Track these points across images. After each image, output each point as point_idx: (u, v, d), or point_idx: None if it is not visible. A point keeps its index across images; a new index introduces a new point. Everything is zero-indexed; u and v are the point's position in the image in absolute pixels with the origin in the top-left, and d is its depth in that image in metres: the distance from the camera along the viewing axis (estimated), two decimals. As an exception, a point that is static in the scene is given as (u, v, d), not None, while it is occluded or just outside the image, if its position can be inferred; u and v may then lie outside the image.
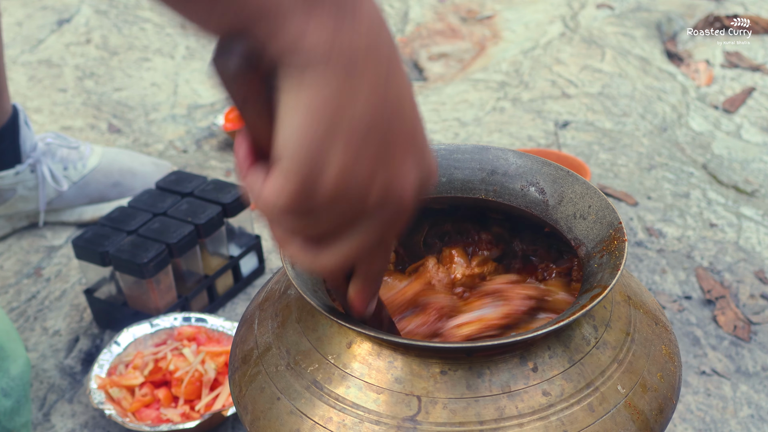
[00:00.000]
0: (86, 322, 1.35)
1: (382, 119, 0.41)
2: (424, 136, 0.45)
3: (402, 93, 0.42)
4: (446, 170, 0.73)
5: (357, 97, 0.40)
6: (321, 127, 0.40)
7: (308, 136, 0.40)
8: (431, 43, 2.69)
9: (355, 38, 0.39)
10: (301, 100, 0.39)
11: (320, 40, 0.38)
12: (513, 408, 0.54)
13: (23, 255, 1.52)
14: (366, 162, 0.41)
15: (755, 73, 2.29)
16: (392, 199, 0.44)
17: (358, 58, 0.39)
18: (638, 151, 1.90)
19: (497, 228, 0.77)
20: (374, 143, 0.41)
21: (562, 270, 0.74)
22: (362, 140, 0.41)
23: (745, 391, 1.19)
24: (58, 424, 1.15)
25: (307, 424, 0.56)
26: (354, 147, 0.41)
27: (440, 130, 2.06)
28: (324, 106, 0.39)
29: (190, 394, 1.13)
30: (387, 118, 0.41)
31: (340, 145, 0.40)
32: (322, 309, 0.56)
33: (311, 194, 0.41)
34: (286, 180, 0.41)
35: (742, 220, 1.61)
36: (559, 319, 0.56)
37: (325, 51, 0.38)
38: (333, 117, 0.40)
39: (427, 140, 0.45)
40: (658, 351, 0.62)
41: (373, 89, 0.40)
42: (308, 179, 0.41)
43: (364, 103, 0.40)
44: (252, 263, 1.43)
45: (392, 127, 0.42)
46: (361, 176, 0.42)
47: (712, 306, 1.36)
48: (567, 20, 2.72)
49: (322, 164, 0.40)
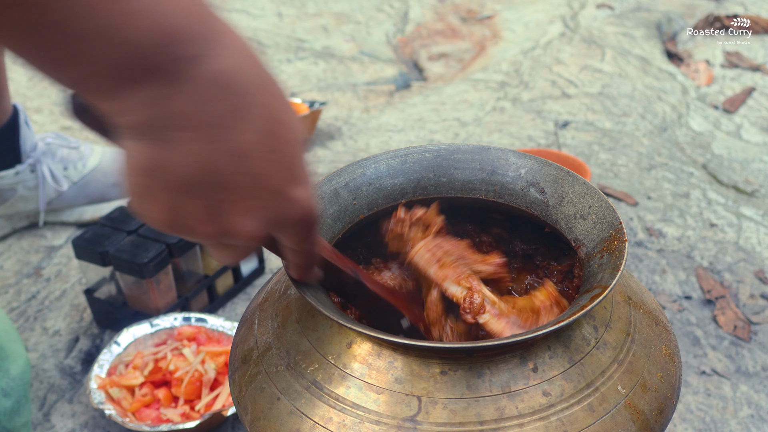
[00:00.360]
0: (86, 322, 1.35)
1: (204, 178, 0.43)
2: (278, 181, 0.46)
3: (243, 148, 0.44)
4: (447, 170, 0.73)
5: (172, 162, 0.43)
6: (138, 184, 0.44)
7: (130, 190, 0.45)
8: (431, 43, 2.69)
9: (178, 106, 0.41)
10: (125, 156, 0.44)
11: (135, 117, 0.41)
12: (513, 408, 0.54)
13: (23, 255, 1.52)
14: (187, 209, 0.45)
15: (755, 73, 2.29)
16: (233, 235, 0.47)
17: (177, 127, 0.42)
18: (638, 151, 1.90)
19: (497, 229, 0.77)
20: (195, 197, 0.44)
21: (563, 268, 0.74)
22: (179, 196, 0.44)
23: (745, 391, 1.19)
24: (58, 424, 1.15)
25: (307, 425, 0.56)
26: (168, 202, 0.45)
27: (440, 130, 2.06)
28: (139, 168, 0.44)
29: (190, 394, 1.13)
30: (212, 177, 0.44)
31: (155, 197, 0.45)
32: (322, 309, 0.56)
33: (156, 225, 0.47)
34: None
35: (742, 220, 1.61)
36: (560, 319, 0.56)
37: (140, 124, 0.42)
38: (147, 177, 0.44)
39: (288, 182, 0.47)
40: (658, 351, 0.62)
41: (194, 154, 0.43)
42: (144, 218, 0.47)
43: (180, 166, 0.43)
44: (252, 263, 1.43)
45: (222, 182, 0.44)
46: (186, 220, 0.46)
47: (712, 306, 1.36)
48: (567, 20, 2.72)
49: (147, 211, 0.46)
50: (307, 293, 0.57)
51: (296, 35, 2.75)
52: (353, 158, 1.91)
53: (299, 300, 0.64)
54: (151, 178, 0.44)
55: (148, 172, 0.44)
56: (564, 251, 0.74)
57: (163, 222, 0.47)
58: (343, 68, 2.50)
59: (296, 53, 2.60)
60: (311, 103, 2.06)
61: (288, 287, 0.67)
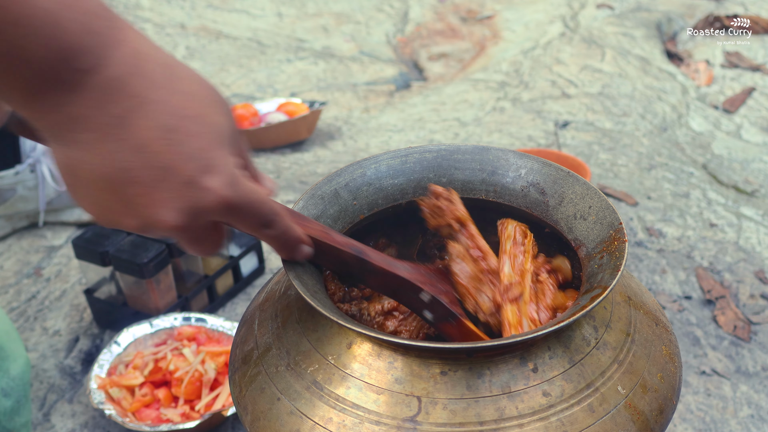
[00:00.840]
0: (86, 322, 1.35)
1: (114, 175, 0.49)
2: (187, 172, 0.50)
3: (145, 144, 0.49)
4: (447, 171, 0.73)
5: (83, 161, 0.48)
6: (65, 182, 0.51)
7: (64, 181, 0.51)
8: (431, 43, 2.69)
9: (78, 110, 0.47)
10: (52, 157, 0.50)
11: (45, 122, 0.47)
12: (513, 408, 0.54)
13: (23, 255, 1.52)
14: (108, 203, 0.51)
15: (755, 73, 2.29)
16: (156, 226, 0.52)
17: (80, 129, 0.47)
18: (638, 151, 1.90)
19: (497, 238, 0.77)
20: (111, 193, 0.50)
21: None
22: (97, 192, 0.50)
23: (745, 391, 1.19)
24: (58, 424, 1.15)
25: (307, 425, 0.56)
26: (90, 197, 0.51)
27: (440, 130, 2.06)
28: (60, 167, 0.50)
29: (190, 394, 1.13)
30: (121, 173, 0.49)
31: (80, 193, 0.51)
32: (322, 310, 0.56)
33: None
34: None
35: (742, 220, 1.61)
36: (560, 319, 0.56)
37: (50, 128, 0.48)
38: (68, 176, 0.50)
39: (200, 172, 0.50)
40: (658, 351, 0.62)
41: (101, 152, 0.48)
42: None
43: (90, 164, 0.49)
44: (252, 263, 1.43)
45: (131, 177, 0.49)
46: (110, 214, 0.51)
47: (712, 306, 1.36)
48: (567, 20, 2.72)
49: (81, 205, 0.52)
50: (308, 294, 0.57)
51: (296, 35, 2.75)
52: (353, 158, 1.91)
53: (299, 300, 0.64)
54: (71, 176, 0.50)
55: (67, 170, 0.50)
56: (564, 252, 0.74)
57: (94, 215, 0.52)
58: (343, 68, 2.50)
59: (296, 53, 2.60)
60: (311, 103, 2.06)
61: (288, 287, 0.67)
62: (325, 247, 0.61)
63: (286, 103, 2.06)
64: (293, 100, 2.08)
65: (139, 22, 2.76)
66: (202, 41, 2.65)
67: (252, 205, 0.54)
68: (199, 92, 0.52)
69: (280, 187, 1.75)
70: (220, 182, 0.51)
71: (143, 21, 2.77)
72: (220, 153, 0.52)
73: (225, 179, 0.51)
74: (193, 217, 0.52)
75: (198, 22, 2.80)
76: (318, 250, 0.61)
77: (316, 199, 0.68)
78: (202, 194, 0.51)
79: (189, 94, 0.51)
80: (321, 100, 2.23)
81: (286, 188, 1.75)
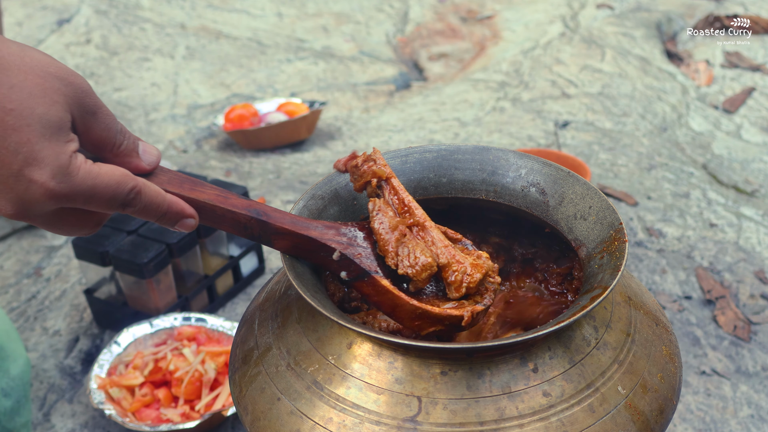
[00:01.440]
0: (86, 322, 1.35)
1: None
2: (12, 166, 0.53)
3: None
4: (447, 171, 0.73)
5: None
6: None
7: None
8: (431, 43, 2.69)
9: None
10: None
11: None
12: (513, 409, 0.54)
13: (23, 255, 1.52)
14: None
15: (755, 73, 2.29)
16: (1, 213, 0.56)
17: None
18: (638, 151, 1.90)
19: (496, 239, 0.77)
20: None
21: (562, 271, 0.74)
22: None
23: (745, 391, 1.19)
24: (58, 424, 1.15)
25: (308, 425, 0.56)
26: None
27: (440, 130, 2.06)
28: None
29: (190, 394, 1.13)
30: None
31: None
32: (322, 310, 0.56)
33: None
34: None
35: (742, 220, 1.61)
36: (560, 319, 0.56)
37: None
38: None
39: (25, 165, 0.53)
40: (658, 352, 0.62)
41: None
42: None
43: None
44: (252, 263, 1.43)
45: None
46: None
47: (712, 306, 1.36)
48: (567, 20, 2.72)
49: None
50: (308, 294, 0.57)
51: (296, 35, 2.75)
52: (353, 158, 1.91)
53: (300, 300, 0.64)
54: None
55: None
56: (563, 253, 0.74)
57: None
58: (343, 68, 2.50)
59: (296, 53, 2.60)
60: (311, 103, 2.06)
61: (288, 287, 0.67)
62: (220, 211, 0.61)
63: (286, 103, 2.06)
64: (293, 100, 2.08)
65: (139, 22, 2.76)
66: (202, 41, 2.65)
67: (93, 190, 0.56)
68: (24, 83, 0.53)
69: (280, 187, 1.75)
70: (45, 175, 0.53)
71: (143, 21, 2.77)
72: (45, 145, 0.53)
73: (51, 171, 0.54)
74: (24, 207, 0.55)
75: (198, 22, 2.80)
76: (214, 216, 0.61)
77: (316, 199, 0.68)
78: (29, 186, 0.54)
79: (12, 87, 0.53)
80: (321, 100, 2.23)
81: (286, 188, 1.75)
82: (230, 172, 1.85)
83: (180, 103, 2.27)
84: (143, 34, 2.68)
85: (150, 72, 2.44)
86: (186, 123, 2.15)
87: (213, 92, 2.33)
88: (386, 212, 0.64)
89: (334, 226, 0.64)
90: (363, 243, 0.64)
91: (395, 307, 0.61)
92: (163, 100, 2.27)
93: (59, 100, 0.54)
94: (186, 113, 2.20)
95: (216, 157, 1.94)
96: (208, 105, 2.26)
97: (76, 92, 0.56)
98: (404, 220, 0.64)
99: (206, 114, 2.19)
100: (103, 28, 2.70)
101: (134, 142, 0.60)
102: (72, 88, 0.55)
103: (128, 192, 0.57)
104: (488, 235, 0.78)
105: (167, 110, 2.22)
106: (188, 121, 2.16)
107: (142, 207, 0.58)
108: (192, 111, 2.22)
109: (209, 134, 2.07)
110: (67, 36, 2.64)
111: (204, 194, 0.61)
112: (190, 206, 0.61)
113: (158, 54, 2.56)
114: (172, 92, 2.33)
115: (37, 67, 0.54)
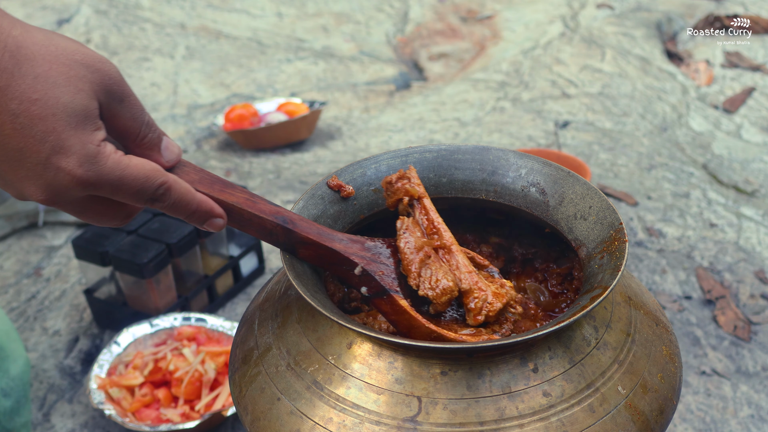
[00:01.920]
0: (86, 322, 1.35)
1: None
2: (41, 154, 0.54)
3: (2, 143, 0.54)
4: (447, 171, 0.73)
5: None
6: None
7: None
8: (431, 43, 2.69)
9: None
10: None
11: None
12: (513, 409, 0.54)
13: (23, 255, 1.52)
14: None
15: (755, 73, 2.29)
16: (29, 199, 0.57)
17: None
18: (638, 151, 1.90)
19: (496, 239, 0.77)
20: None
21: (562, 271, 0.73)
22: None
23: (745, 391, 1.19)
24: (58, 424, 1.15)
25: (308, 425, 0.56)
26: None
27: (440, 130, 2.06)
28: None
29: (190, 394, 1.13)
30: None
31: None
32: (322, 310, 0.56)
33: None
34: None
35: (742, 220, 1.61)
36: (560, 319, 0.56)
37: None
38: None
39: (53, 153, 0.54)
40: (658, 352, 0.62)
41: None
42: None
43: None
44: (252, 263, 1.43)
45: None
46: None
47: (712, 306, 1.36)
48: (567, 20, 2.72)
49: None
50: (308, 294, 0.57)
51: (296, 35, 2.75)
52: (353, 158, 1.91)
53: (299, 300, 0.64)
54: None
55: None
56: (563, 254, 0.74)
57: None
58: (343, 68, 2.50)
59: (296, 53, 2.60)
60: (311, 103, 2.06)
61: (288, 287, 0.67)
62: (248, 215, 0.61)
63: (286, 103, 2.06)
64: (293, 100, 2.08)
65: (139, 22, 2.76)
66: (202, 41, 2.65)
67: (120, 181, 0.56)
68: (49, 73, 0.54)
69: (280, 187, 1.75)
70: (72, 162, 0.54)
71: (143, 21, 2.77)
72: (72, 133, 0.54)
73: (78, 159, 0.54)
74: (54, 193, 0.56)
75: (198, 22, 2.80)
76: (241, 219, 0.61)
77: (316, 199, 0.68)
78: (57, 173, 0.54)
79: (36, 77, 0.53)
80: (321, 100, 2.23)
81: (286, 188, 1.75)
82: (230, 172, 1.86)
83: (180, 103, 2.27)
84: (143, 34, 2.68)
85: (150, 72, 2.44)
86: (186, 123, 2.15)
87: (213, 92, 2.33)
88: (414, 232, 0.65)
89: (359, 240, 0.64)
90: (386, 260, 0.64)
91: (411, 327, 0.62)
92: (162, 100, 2.27)
93: (84, 87, 0.55)
94: (186, 113, 2.20)
95: (216, 157, 1.94)
96: (208, 105, 2.26)
97: (103, 79, 0.56)
98: (431, 241, 0.65)
99: (206, 114, 2.19)
100: (103, 28, 2.70)
101: (159, 136, 0.60)
102: (99, 74, 0.56)
103: (157, 187, 0.57)
104: (488, 235, 0.78)
105: (167, 110, 2.22)
106: (188, 121, 2.16)
107: (171, 203, 0.59)
108: (192, 111, 2.22)
109: (209, 134, 2.07)
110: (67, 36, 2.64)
111: (233, 197, 0.61)
112: (219, 207, 0.61)
113: (158, 54, 2.56)
114: (172, 92, 2.33)
115: (62, 56, 0.55)
